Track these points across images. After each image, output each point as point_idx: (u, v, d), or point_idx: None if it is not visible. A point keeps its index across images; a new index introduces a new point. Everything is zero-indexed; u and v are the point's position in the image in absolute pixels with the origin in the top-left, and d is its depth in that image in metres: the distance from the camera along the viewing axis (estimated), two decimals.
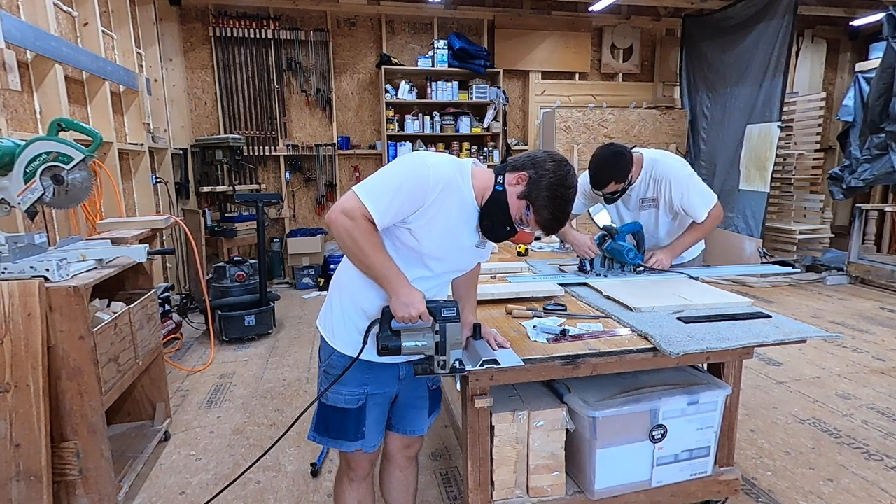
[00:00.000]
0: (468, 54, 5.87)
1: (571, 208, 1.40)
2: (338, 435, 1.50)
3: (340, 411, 1.48)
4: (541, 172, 1.35)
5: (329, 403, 1.49)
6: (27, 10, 2.84)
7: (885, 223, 6.45)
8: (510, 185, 1.38)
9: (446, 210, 1.35)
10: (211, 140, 5.23)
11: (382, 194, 1.29)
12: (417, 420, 1.62)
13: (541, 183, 1.35)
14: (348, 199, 1.30)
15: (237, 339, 4.09)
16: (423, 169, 1.32)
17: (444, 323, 1.38)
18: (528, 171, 1.36)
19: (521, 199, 1.37)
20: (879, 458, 2.43)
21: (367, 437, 1.51)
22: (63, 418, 1.89)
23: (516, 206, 1.38)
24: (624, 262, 2.40)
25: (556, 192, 1.35)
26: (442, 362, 1.40)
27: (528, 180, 1.36)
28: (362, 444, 1.51)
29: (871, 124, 5.30)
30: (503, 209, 1.38)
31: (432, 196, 1.31)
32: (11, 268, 1.83)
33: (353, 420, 1.48)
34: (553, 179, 1.34)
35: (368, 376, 1.48)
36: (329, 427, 1.51)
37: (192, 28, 5.54)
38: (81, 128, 2.15)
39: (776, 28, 5.14)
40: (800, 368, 3.48)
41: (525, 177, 1.36)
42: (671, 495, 1.89)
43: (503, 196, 1.38)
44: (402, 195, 1.30)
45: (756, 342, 1.65)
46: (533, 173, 1.35)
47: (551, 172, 1.35)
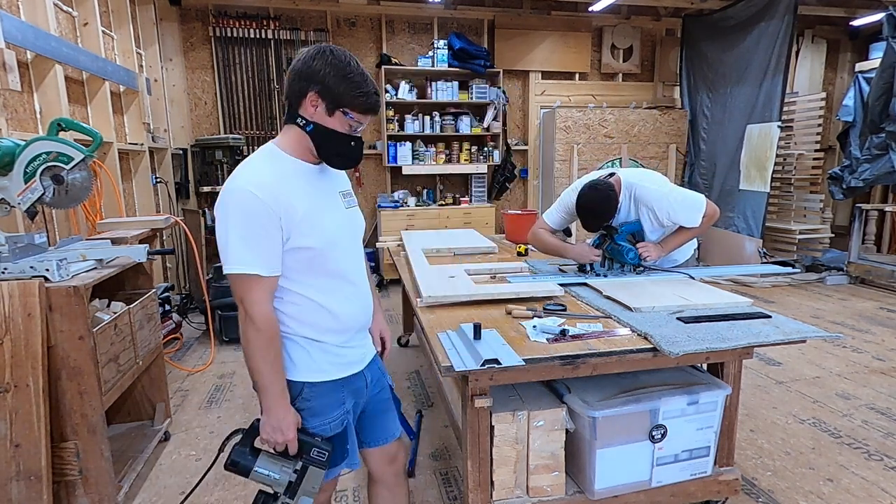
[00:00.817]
0: (468, 54, 5.87)
1: (367, 75, 1.27)
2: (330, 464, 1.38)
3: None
4: (321, 79, 1.22)
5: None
6: (27, 10, 2.84)
7: (885, 223, 6.45)
8: (311, 115, 1.27)
9: (299, 196, 1.26)
10: (211, 140, 5.22)
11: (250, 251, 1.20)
12: (390, 423, 1.56)
13: (329, 86, 1.23)
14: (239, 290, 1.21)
15: (237, 338, 4.08)
16: (250, 197, 1.19)
17: (307, 464, 1.26)
18: (312, 87, 1.23)
19: (333, 114, 1.26)
20: (879, 458, 2.44)
21: (351, 455, 1.42)
22: (63, 418, 1.89)
23: (336, 122, 1.27)
24: (624, 262, 2.40)
25: (349, 80, 1.23)
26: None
27: (320, 94, 1.24)
28: (347, 462, 1.42)
29: (871, 124, 5.30)
30: (332, 135, 1.28)
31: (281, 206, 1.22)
32: (11, 268, 1.83)
33: (339, 444, 1.38)
34: (334, 72, 1.22)
35: (344, 393, 1.38)
36: None
37: (192, 28, 5.54)
38: (81, 128, 2.15)
39: (776, 28, 5.14)
40: (800, 368, 3.48)
41: (314, 96, 1.24)
42: (671, 495, 1.89)
43: (320, 128, 1.27)
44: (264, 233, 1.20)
45: (756, 342, 1.65)
46: (317, 87, 1.23)
47: (327, 69, 1.22)
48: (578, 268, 2.49)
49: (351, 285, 1.39)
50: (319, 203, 1.32)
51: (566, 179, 5.96)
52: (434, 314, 1.97)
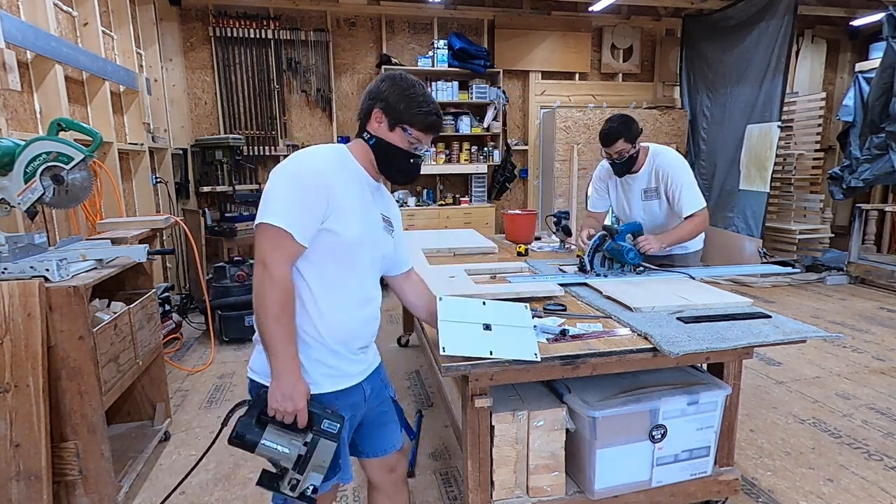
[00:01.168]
0: (468, 54, 5.87)
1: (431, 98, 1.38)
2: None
3: None
4: (385, 97, 1.34)
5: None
6: (27, 10, 2.84)
7: (885, 223, 6.45)
8: (375, 130, 1.37)
9: (349, 191, 1.32)
10: (211, 140, 5.22)
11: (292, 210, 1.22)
12: (391, 435, 1.54)
13: (392, 103, 1.33)
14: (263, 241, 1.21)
15: (237, 338, 4.09)
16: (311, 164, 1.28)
17: (318, 436, 1.19)
18: (377, 104, 1.35)
19: (394, 130, 1.35)
20: (879, 458, 2.44)
21: (344, 469, 1.38)
22: (63, 418, 1.89)
23: (397, 137, 1.36)
24: (624, 262, 2.40)
25: (410, 98, 1.34)
26: (294, 481, 1.19)
27: (384, 110, 1.35)
28: (340, 476, 1.37)
29: (871, 124, 5.30)
30: (392, 150, 1.37)
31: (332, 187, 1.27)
32: (11, 268, 1.83)
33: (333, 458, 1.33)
34: (398, 91, 1.34)
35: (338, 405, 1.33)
36: None
37: (192, 28, 5.54)
38: (81, 128, 2.15)
39: (776, 28, 5.14)
40: (800, 368, 3.48)
41: (378, 112, 1.35)
42: (671, 495, 1.89)
43: (381, 142, 1.36)
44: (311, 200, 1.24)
45: (756, 342, 1.65)
46: (381, 104, 1.35)
47: (391, 87, 1.34)
48: (579, 268, 2.49)
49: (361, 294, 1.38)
50: (362, 207, 1.36)
51: (566, 179, 5.96)
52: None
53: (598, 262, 2.44)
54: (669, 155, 2.57)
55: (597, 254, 2.44)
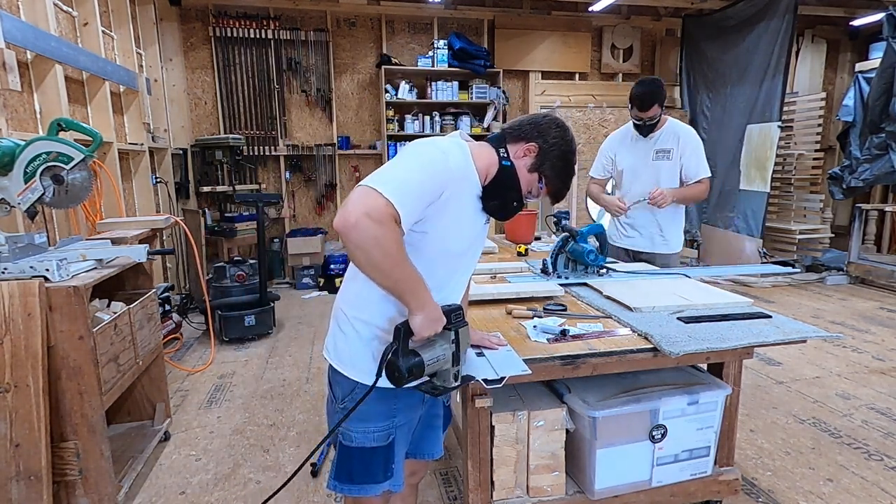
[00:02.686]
0: (468, 54, 5.87)
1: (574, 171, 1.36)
2: (364, 479, 1.30)
3: (368, 451, 1.29)
4: (549, 141, 1.29)
5: (354, 445, 1.29)
6: (27, 10, 2.84)
7: (885, 223, 6.46)
8: (517, 158, 1.29)
9: (462, 200, 1.23)
10: (211, 140, 5.23)
11: (408, 191, 1.10)
12: (434, 441, 1.50)
13: (552, 152, 1.29)
14: (370, 198, 1.06)
15: (237, 339, 4.09)
16: (443, 159, 1.18)
17: (457, 328, 1.23)
18: (537, 141, 1.29)
19: (533, 172, 1.30)
20: (879, 458, 2.44)
21: (395, 476, 1.32)
22: (63, 418, 1.89)
23: (527, 179, 1.30)
24: (586, 263, 2.40)
25: (566, 160, 1.31)
26: (456, 373, 1.25)
27: (539, 151, 1.28)
28: (391, 483, 1.32)
29: (871, 124, 5.30)
30: (513, 185, 1.29)
31: (449, 191, 1.18)
32: (11, 268, 1.83)
33: (382, 459, 1.30)
34: (563, 147, 1.29)
35: (396, 406, 1.30)
36: (353, 473, 1.30)
37: (192, 28, 5.54)
38: (81, 128, 2.15)
39: (776, 28, 5.14)
40: (800, 368, 3.48)
41: (535, 148, 1.28)
42: (671, 495, 1.89)
43: (511, 171, 1.28)
44: (424, 189, 1.14)
45: (756, 342, 1.65)
46: (542, 143, 1.29)
47: (560, 139, 1.29)
48: (542, 269, 2.48)
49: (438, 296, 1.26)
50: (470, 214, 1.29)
51: None
52: None
53: (560, 263, 2.44)
54: (686, 125, 2.83)
55: (560, 255, 2.43)
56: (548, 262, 2.44)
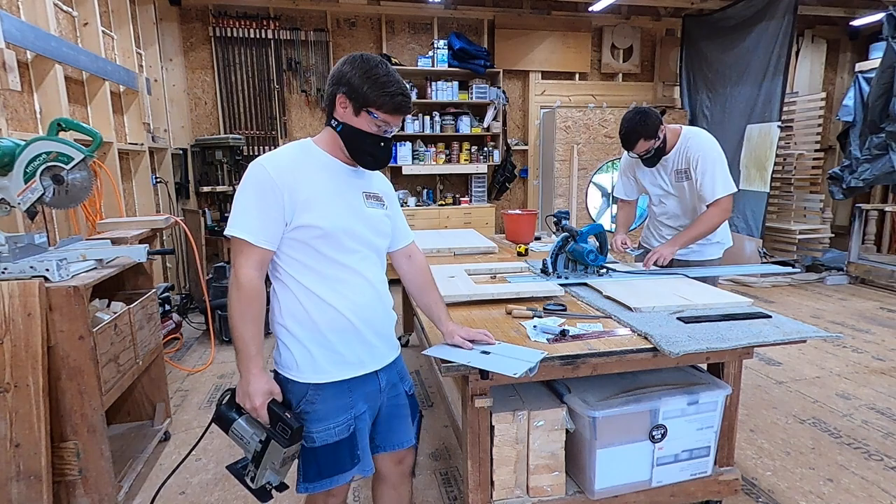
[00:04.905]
0: (468, 54, 5.87)
1: (396, 77, 1.31)
2: (333, 471, 1.37)
3: (332, 447, 1.35)
4: (348, 80, 1.30)
5: (318, 445, 1.35)
6: (27, 10, 2.84)
7: (885, 223, 6.45)
8: (341, 116, 1.33)
9: (310, 180, 1.31)
10: (211, 140, 5.22)
11: (244, 218, 1.27)
12: (404, 430, 1.54)
13: (355, 86, 1.29)
14: (234, 256, 1.30)
15: None
16: (262, 173, 1.28)
17: (270, 437, 1.27)
18: (340, 90, 1.31)
19: (359, 114, 1.31)
20: (879, 458, 2.44)
21: (363, 461, 1.40)
22: (63, 418, 1.89)
23: (363, 122, 1.32)
24: (586, 263, 2.40)
25: (373, 79, 1.29)
26: (252, 474, 1.30)
27: (347, 95, 1.31)
28: (359, 468, 1.40)
29: (871, 124, 5.30)
30: (360, 135, 1.33)
31: (287, 186, 1.28)
32: (11, 268, 1.83)
33: (347, 449, 1.37)
34: (360, 73, 1.29)
35: (352, 397, 1.38)
36: (322, 469, 1.36)
37: (192, 28, 5.54)
38: (81, 128, 2.15)
39: (776, 28, 5.14)
40: (800, 368, 3.48)
41: (342, 97, 1.31)
42: (671, 495, 1.89)
43: (347, 127, 1.33)
44: (265, 205, 1.27)
45: (756, 342, 1.65)
46: (344, 88, 1.30)
47: (353, 72, 1.29)
48: (542, 269, 2.48)
49: (363, 281, 1.39)
50: (334, 193, 1.35)
51: (566, 179, 5.96)
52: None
53: (560, 263, 2.44)
54: (701, 136, 2.50)
55: (560, 255, 2.43)
56: (548, 262, 2.44)
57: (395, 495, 1.61)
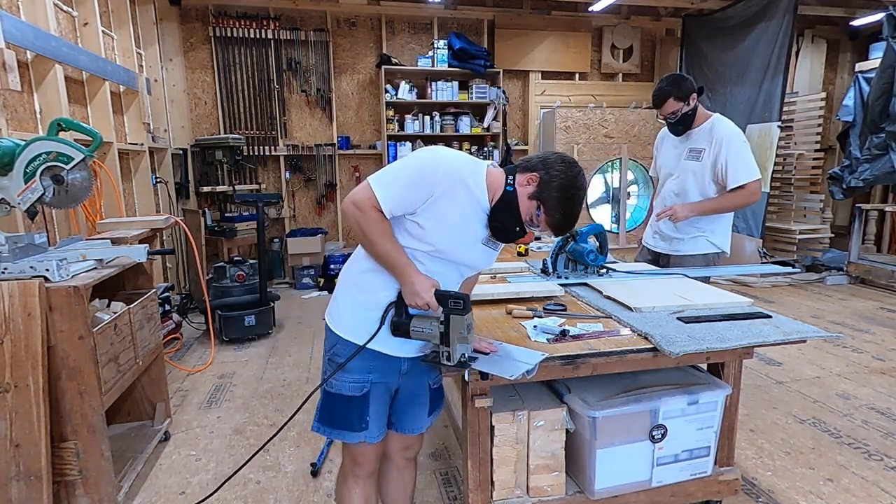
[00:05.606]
0: (468, 54, 5.87)
1: (580, 209, 1.41)
2: (342, 425, 1.49)
3: (345, 399, 1.48)
4: (551, 173, 1.37)
5: (333, 391, 1.49)
6: (27, 10, 2.84)
7: (885, 223, 6.45)
8: (521, 185, 1.40)
9: (455, 205, 1.37)
10: (211, 140, 5.22)
11: (392, 184, 1.34)
12: (418, 419, 1.62)
13: (551, 184, 1.36)
14: (360, 190, 1.36)
15: (237, 339, 4.09)
16: (434, 162, 1.36)
17: (447, 314, 1.38)
18: (539, 172, 1.38)
19: (532, 200, 1.38)
20: (879, 458, 2.44)
21: (370, 428, 1.50)
22: (63, 418, 1.89)
23: (527, 206, 1.39)
24: (585, 263, 2.40)
25: (566, 194, 1.37)
26: (446, 353, 1.41)
27: (539, 181, 1.37)
28: (366, 434, 1.49)
29: (871, 124, 5.30)
30: (513, 209, 1.40)
31: (440, 188, 1.34)
32: (11, 268, 1.83)
33: (357, 408, 1.48)
34: (564, 180, 1.36)
35: (372, 364, 1.48)
36: (333, 416, 1.50)
37: (192, 28, 5.54)
38: (81, 128, 2.15)
39: (776, 28, 5.14)
40: (800, 368, 3.48)
41: (536, 177, 1.38)
42: (671, 495, 1.89)
43: (514, 196, 1.39)
44: (410, 185, 1.34)
45: (756, 342, 1.65)
46: (544, 174, 1.37)
47: (562, 174, 1.37)
48: (542, 269, 2.49)
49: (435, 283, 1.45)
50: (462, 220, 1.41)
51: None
52: None
53: (560, 263, 2.44)
54: (729, 124, 2.56)
55: (559, 255, 2.44)
56: (548, 262, 2.44)
57: (399, 479, 1.71)
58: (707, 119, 2.59)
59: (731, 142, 2.47)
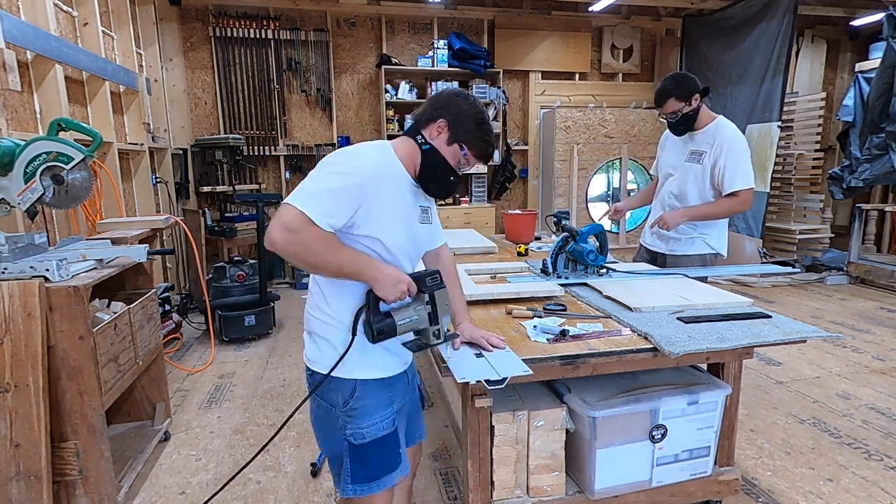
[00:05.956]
0: (468, 54, 5.87)
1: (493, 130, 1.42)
2: (381, 472, 1.36)
3: (380, 441, 1.35)
4: (456, 111, 1.36)
5: (368, 440, 1.34)
6: (27, 10, 2.84)
7: (885, 223, 6.45)
8: (433, 138, 1.37)
9: (388, 198, 1.30)
10: (211, 140, 5.22)
11: (320, 196, 1.20)
12: (419, 424, 1.63)
13: (462, 121, 1.36)
14: (284, 213, 1.17)
15: (237, 338, 4.09)
16: (354, 166, 1.26)
17: (432, 291, 1.36)
18: (445, 117, 1.36)
19: (452, 144, 1.37)
20: (879, 458, 2.44)
21: (403, 461, 1.42)
22: (63, 418, 1.89)
23: (450, 152, 1.38)
24: (585, 263, 2.40)
25: (478, 122, 1.37)
26: (436, 331, 1.39)
27: (449, 124, 1.36)
28: (401, 470, 1.40)
29: (871, 124, 5.30)
30: (440, 163, 1.38)
31: (371, 190, 1.26)
32: (11, 268, 1.83)
33: (392, 445, 1.38)
34: (469, 111, 1.37)
35: (393, 391, 1.40)
36: (371, 468, 1.35)
37: (192, 28, 5.54)
38: (81, 128, 2.15)
39: (776, 28, 5.14)
40: (800, 368, 3.48)
41: (444, 123, 1.36)
42: (671, 495, 1.89)
43: (434, 151, 1.37)
44: (340, 194, 1.22)
45: (756, 342, 1.65)
46: (450, 116, 1.36)
47: (463, 106, 1.37)
48: (542, 269, 2.48)
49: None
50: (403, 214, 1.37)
51: (566, 179, 5.96)
52: None
53: (560, 263, 2.44)
54: (732, 129, 2.53)
55: (560, 255, 2.43)
56: (548, 262, 2.44)
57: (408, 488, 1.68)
58: (711, 121, 2.56)
59: (733, 147, 2.45)
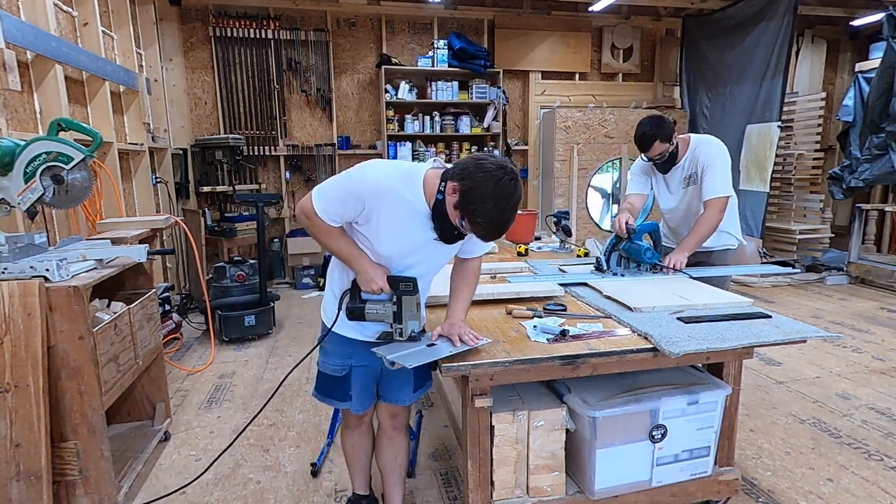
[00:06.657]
0: (468, 54, 5.87)
1: (510, 217, 1.39)
2: (330, 395, 1.78)
3: (328, 377, 1.75)
4: (470, 184, 1.35)
5: (322, 371, 1.78)
6: (27, 10, 2.84)
7: (885, 223, 6.45)
8: (448, 194, 1.41)
9: (390, 216, 1.47)
10: (211, 140, 5.22)
11: (328, 197, 1.49)
12: (402, 392, 1.78)
13: (471, 194, 1.35)
14: (306, 199, 1.52)
15: (237, 339, 4.09)
16: (360, 180, 1.45)
17: (400, 296, 1.56)
18: (461, 184, 1.37)
19: (456, 209, 1.40)
20: (879, 458, 2.44)
21: (353, 401, 1.76)
22: (63, 418, 1.89)
23: (453, 214, 1.42)
24: (641, 261, 2.41)
25: (485, 205, 1.35)
26: (399, 330, 1.59)
27: (460, 191, 1.37)
28: (350, 405, 1.77)
29: (871, 124, 5.30)
30: (444, 217, 1.44)
31: (370, 203, 1.44)
32: (11, 268, 1.83)
33: (340, 386, 1.75)
34: (483, 191, 1.34)
35: (350, 350, 1.70)
36: (322, 388, 1.79)
37: (192, 28, 5.54)
38: (81, 128, 2.15)
39: (776, 28, 5.14)
40: (800, 368, 3.48)
41: (456, 188, 1.38)
42: (671, 495, 1.89)
43: (442, 204, 1.43)
44: (341, 199, 1.47)
45: (756, 342, 1.65)
46: (462, 185, 1.36)
47: (480, 184, 1.34)
48: (595, 267, 2.50)
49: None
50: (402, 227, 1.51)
51: (566, 179, 5.96)
52: (434, 314, 1.96)
53: (614, 261, 2.46)
54: (710, 142, 2.59)
55: (613, 253, 2.46)
56: (602, 259, 2.47)
57: (390, 448, 1.89)
58: (688, 145, 2.60)
59: (714, 158, 2.51)
